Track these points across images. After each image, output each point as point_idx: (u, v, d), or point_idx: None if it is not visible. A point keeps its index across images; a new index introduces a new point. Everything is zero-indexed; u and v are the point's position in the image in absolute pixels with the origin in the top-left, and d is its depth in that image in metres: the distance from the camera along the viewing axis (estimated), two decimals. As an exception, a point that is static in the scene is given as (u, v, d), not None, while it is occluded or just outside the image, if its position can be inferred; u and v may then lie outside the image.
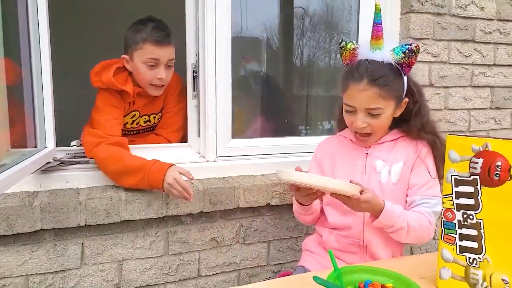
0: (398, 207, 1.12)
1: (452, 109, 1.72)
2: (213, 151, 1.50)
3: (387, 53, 1.10)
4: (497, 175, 0.83)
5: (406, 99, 1.17)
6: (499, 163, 0.82)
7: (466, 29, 1.68)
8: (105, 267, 1.29)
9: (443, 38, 1.65)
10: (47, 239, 1.21)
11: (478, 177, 0.85)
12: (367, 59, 1.11)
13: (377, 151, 1.21)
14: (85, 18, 2.75)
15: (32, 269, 1.20)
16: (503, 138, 0.84)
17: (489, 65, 1.76)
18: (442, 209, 0.92)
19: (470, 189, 0.86)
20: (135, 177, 1.26)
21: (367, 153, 1.21)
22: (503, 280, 0.84)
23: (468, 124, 1.76)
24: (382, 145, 1.22)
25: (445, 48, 1.66)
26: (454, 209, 0.89)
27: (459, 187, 0.88)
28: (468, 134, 1.11)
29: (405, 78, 1.15)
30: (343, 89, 1.17)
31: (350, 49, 1.14)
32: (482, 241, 0.86)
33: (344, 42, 1.15)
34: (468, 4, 1.67)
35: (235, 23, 1.84)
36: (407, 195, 1.19)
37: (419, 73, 1.63)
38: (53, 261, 1.22)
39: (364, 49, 1.13)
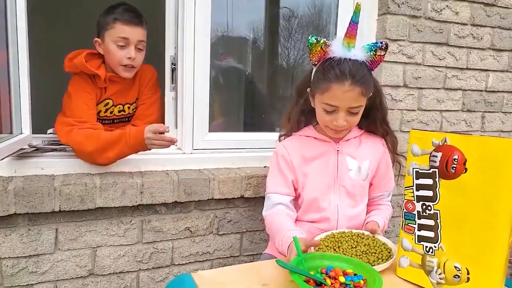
0: (380, 218, 1.25)
1: (425, 110, 1.78)
2: (190, 143, 1.53)
3: (360, 51, 1.12)
4: (454, 168, 0.87)
5: (371, 93, 1.21)
6: (456, 156, 0.87)
7: (441, 32, 1.74)
8: (78, 253, 1.31)
9: (418, 40, 1.70)
10: (20, 224, 1.22)
11: (437, 170, 0.90)
12: (346, 58, 1.10)
13: (345, 148, 1.27)
14: (64, 7, 2.75)
15: (5, 252, 1.22)
16: (460, 133, 0.89)
17: (461, 69, 1.82)
18: (403, 201, 0.97)
19: (429, 181, 0.91)
20: (116, 146, 1.30)
21: (338, 150, 1.26)
22: (455, 267, 0.89)
23: (440, 125, 1.82)
24: (348, 141, 1.28)
25: (420, 50, 1.72)
26: (414, 200, 0.94)
27: (420, 179, 0.93)
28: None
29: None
30: (322, 89, 1.14)
31: (321, 46, 1.12)
32: (438, 230, 0.91)
33: (314, 39, 1.12)
34: (443, 8, 1.73)
35: (221, 22, 1.86)
36: (370, 185, 1.31)
37: (394, 73, 1.68)
38: (26, 246, 1.24)
39: (338, 47, 1.12)
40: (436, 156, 0.90)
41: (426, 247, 0.93)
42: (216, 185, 1.43)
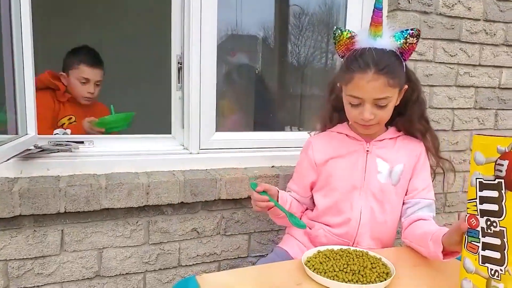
0: (439, 231, 1.01)
1: (436, 108, 1.74)
2: (197, 143, 1.51)
3: (388, 40, 1.07)
4: None
5: (406, 86, 1.15)
6: None
7: (452, 28, 1.70)
8: (84, 254, 1.30)
9: (429, 37, 1.66)
10: (26, 225, 1.22)
11: (503, 180, 0.78)
12: (371, 47, 1.06)
13: (377, 149, 1.19)
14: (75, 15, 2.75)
15: (11, 254, 1.21)
16: None
17: (474, 65, 1.77)
18: (466, 215, 0.85)
19: (495, 193, 0.79)
20: None
21: (368, 150, 1.18)
22: None
23: (452, 124, 1.78)
24: (382, 142, 1.20)
25: (431, 47, 1.68)
26: (478, 215, 0.82)
27: (484, 191, 0.81)
28: (495, 134, 1.03)
29: (404, 64, 1.14)
30: (346, 80, 1.10)
31: (346, 38, 1.09)
32: (505, 251, 0.78)
33: (339, 31, 1.09)
34: (455, 4, 1.69)
35: (230, 20, 1.84)
36: (406, 194, 1.19)
37: (404, 71, 1.64)
38: (32, 247, 1.23)
39: (364, 37, 1.08)
40: (502, 165, 0.77)
41: (491, 269, 0.80)
42: (223, 185, 1.41)
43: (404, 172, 1.18)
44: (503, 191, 0.78)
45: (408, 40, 1.07)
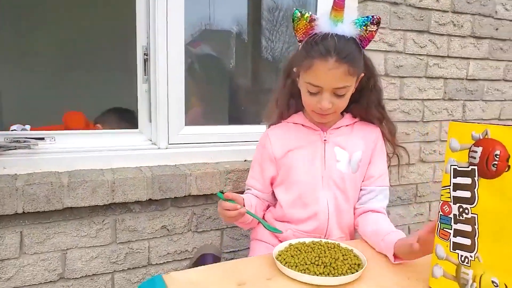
0: (391, 235, 1.01)
1: (407, 99, 1.74)
2: (165, 138, 1.46)
3: (348, 26, 1.03)
4: (495, 166, 0.74)
5: (363, 73, 1.12)
6: (497, 152, 0.73)
7: (422, 19, 1.71)
8: (47, 256, 1.23)
9: (399, 28, 1.67)
10: (-19, 227, 1.14)
11: (476, 167, 0.77)
12: (332, 33, 1.01)
13: (334, 137, 1.17)
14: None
15: (-35, 259, 1.14)
16: (504, 125, 0.75)
17: (443, 57, 1.79)
18: (439, 202, 0.84)
19: (468, 180, 0.78)
20: None
21: (325, 140, 1.16)
22: (493, 282, 0.75)
23: (422, 115, 1.79)
24: (339, 130, 1.18)
25: (401, 38, 1.68)
26: (451, 202, 0.81)
27: (457, 178, 0.80)
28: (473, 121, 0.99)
29: (362, 52, 1.10)
30: (305, 66, 1.04)
31: (306, 20, 1.03)
32: (475, 238, 0.77)
33: (298, 13, 1.02)
34: (424, -5, 1.70)
35: (203, 15, 1.80)
36: (362, 180, 1.19)
37: (375, 62, 1.62)
38: (-12, 251, 1.16)
39: (324, 22, 1.02)
40: (476, 152, 0.76)
41: (462, 256, 0.80)
42: (193, 180, 1.36)
43: (362, 159, 1.17)
44: (476, 178, 0.77)
45: (368, 27, 1.04)
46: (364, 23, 1.04)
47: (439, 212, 0.84)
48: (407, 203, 1.82)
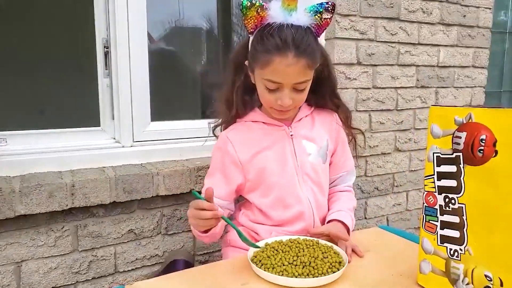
0: (346, 214, 1.09)
1: (380, 87, 1.71)
2: (130, 135, 1.37)
3: (303, 15, 0.95)
4: (481, 151, 0.69)
5: (318, 64, 1.05)
6: (483, 136, 0.69)
7: (392, 7, 1.67)
8: (-1, 270, 1.12)
9: (369, 15, 1.62)
10: None
11: (461, 154, 0.72)
12: (288, 24, 0.93)
13: (299, 130, 1.11)
14: None
15: None
16: (488, 107, 0.70)
17: (414, 44, 1.77)
18: (423, 193, 0.79)
19: (453, 168, 0.73)
20: None
21: (292, 134, 1.10)
22: (486, 276, 0.70)
23: (396, 103, 1.76)
24: (300, 122, 1.13)
25: (372, 26, 1.64)
26: (436, 192, 0.76)
27: (441, 166, 0.75)
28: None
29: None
30: (262, 63, 0.96)
31: (257, 10, 0.93)
32: (464, 229, 0.73)
33: (247, 2, 0.92)
34: (393, -19, 1.66)
35: (172, 12, 1.72)
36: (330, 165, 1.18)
37: (347, 50, 1.59)
38: None
39: (277, 11, 0.94)
40: (460, 137, 0.72)
41: (451, 250, 0.75)
42: (161, 180, 1.27)
43: (329, 147, 1.15)
44: (461, 165, 0.72)
45: (323, 15, 0.97)
46: (318, 11, 0.97)
47: (423, 203, 0.79)
48: (384, 193, 1.79)
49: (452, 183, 0.74)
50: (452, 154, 0.74)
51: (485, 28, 1.94)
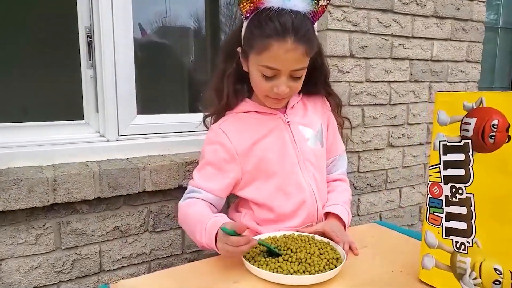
0: (342, 208, 1.07)
1: (373, 81, 1.68)
2: (115, 129, 1.31)
3: (300, 0, 0.92)
4: (493, 137, 0.66)
5: (315, 50, 1.02)
6: (495, 121, 0.65)
7: (385, -2, 1.64)
8: (-24, 270, 1.06)
9: (362, 7, 1.59)
10: None
11: (470, 141, 0.69)
12: (287, 9, 0.90)
13: (294, 117, 1.09)
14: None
15: None
16: (501, 92, 0.66)
17: (407, 37, 1.74)
18: (428, 183, 0.75)
19: (461, 156, 0.70)
20: None
21: (288, 121, 1.07)
22: (495, 269, 0.67)
23: (389, 97, 1.73)
24: (293, 109, 1.10)
25: (365, 17, 1.61)
26: (441, 182, 0.72)
27: (448, 155, 0.71)
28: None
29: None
30: (259, 48, 0.92)
31: None
32: (472, 221, 0.69)
33: None
34: (387, -27, 1.63)
35: (160, 10, 1.69)
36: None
37: (340, 42, 1.55)
38: None
39: None
40: (469, 123, 0.68)
41: (457, 242, 0.71)
42: (148, 175, 1.22)
43: (323, 130, 1.14)
44: (470, 153, 0.69)
45: (320, 1, 0.95)
46: None
47: (427, 194, 0.75)
48: (377, 190, 1.76)
49: (460, 172, 0.70)
50: (460, 141, 0.70)
51: (479, 22, 1.92)
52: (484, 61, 2.01)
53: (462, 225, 0.71)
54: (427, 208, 0.75)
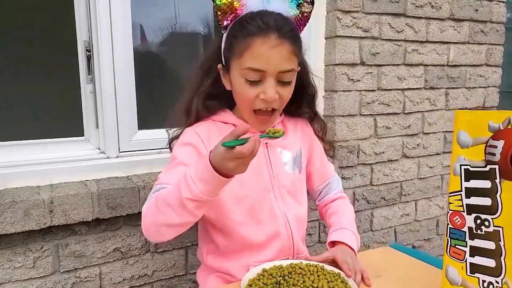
0: (350, 233, 0.99)
1: (385, 89, 1.60)
2: (115, 145, 1.28)
3: (282, 4, 0.88)
4: None
5: (299, 67, 0.93)
6: None
7: (397, 1, 1.56)
8: (-28, 295, 1.03)
9: (373, 12, 1.51)
10: None
11: (497, 166, 0.62)
12: (268, 11, 0.87)
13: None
14: None
15: None
16: None
17: (421, 42, 1.65)
18: (448, 212, 0.67)
19: (486, 184, 0.63)
20: None
21: (266, 142, 0.98)
22: None
23: (403, 106, 1.65)
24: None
25: (376, 23, 1.53)
26: (464, 212, 0.65)
27: (471, 181, 0.64)
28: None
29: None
30: (241, 49, 0.85)
31: (232, 2, 0.86)
32: (502, 258, 0.62)
33: None
34: (398, -25, 1.55)
35: (169, 16, 1.67)
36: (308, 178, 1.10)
37: (349, 49, 1.48)
38: None
39: (254, 1, 0.87)
40: (496, 147, 0.62)
41: (484, 281, 0.64)
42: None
43: (303, 155, 1.06)
44: (497, 181, 0.61)
45: (303, 8, 0.89)
46: (297, 1, 0.90)
47: (447, 224, 0.68)
48: (391, 203, 1.68)
49: (486, 201, 0.63)
50: (485, 166, 0.63)
51: (499, 23, 1.82)
52: (505, 64, 1.90)
53: (490, 262, 0.63)
54: (447, 239, 0.68)
